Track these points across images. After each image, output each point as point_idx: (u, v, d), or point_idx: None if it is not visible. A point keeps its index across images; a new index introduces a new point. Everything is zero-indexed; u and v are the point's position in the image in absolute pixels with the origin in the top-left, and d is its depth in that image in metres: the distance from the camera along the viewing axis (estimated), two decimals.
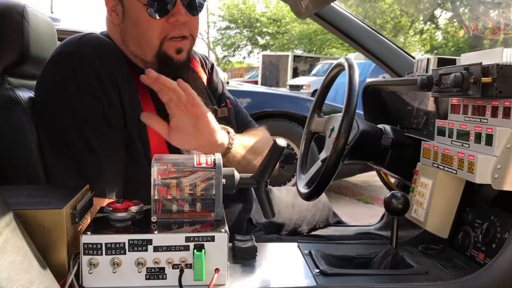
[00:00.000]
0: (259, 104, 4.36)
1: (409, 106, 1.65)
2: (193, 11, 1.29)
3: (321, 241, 1.31)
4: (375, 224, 1.86)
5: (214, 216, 1.02)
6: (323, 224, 1.77)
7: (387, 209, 1.11)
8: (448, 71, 1.09)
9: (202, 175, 1.02)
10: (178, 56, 1.28)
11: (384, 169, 1.54)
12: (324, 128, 1.53)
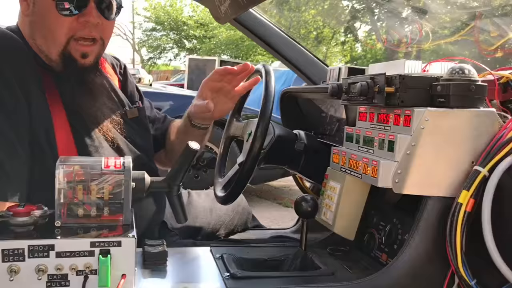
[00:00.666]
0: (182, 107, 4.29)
1: (323, 113, 1.70)
2: (107, 14, 1.25)
3: (234, 245, 1.32)
4: (291, 227, 1.90)
5: (122, 220, 0.99)
6: (241, 228, 1.78)
7: (297, 212, 1.14)
8: (355, 80, 1.14)
9: (110, 178, 0.99)
10: (83, 60, 1.24)
11: (298, 173, 1.58)
12: (243, 132, 1.54)
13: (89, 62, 1.26)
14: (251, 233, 1.78)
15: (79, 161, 1.00)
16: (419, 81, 1.04)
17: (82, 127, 1.26)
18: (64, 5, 1.17)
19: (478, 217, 0.92)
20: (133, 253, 0.92)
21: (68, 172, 0.97)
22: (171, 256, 1.09)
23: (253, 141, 1.25)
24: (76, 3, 1.18)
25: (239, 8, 1.45)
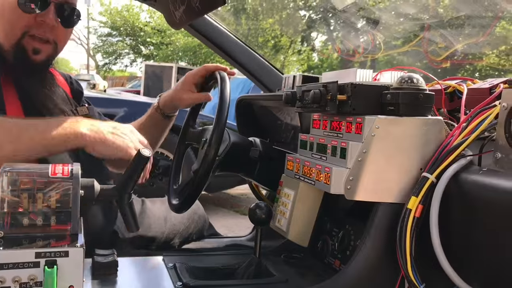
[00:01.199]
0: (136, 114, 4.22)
1: (279, 120, 1.72)
2: (64, 21, 1.30)
3: (188, 254, 1.30)
4: (247, 235, 1.90)
5: (70, 229, 0.96)
6: (197, 236, 1.76)
7: (251, 219, 1.14)
8: (309, 88, 1.15)
9: (57, 186, 0.95)
10: (34, 56, 1.27)
11: (254, 180, 1.58)
12: (198, 139, 1.53)
13: (40, 59, 1.29)
14: (207, 242, 1.76)
15: (24, 168, 0.96)
16: (370, 89, 1.06)
17: None
18: (25, 3, 1.21)
19: (427, 222, 0.95)
20: (81, 264, 0.89)
21: (12, 180, 0.93)
22: (122, 266, 1.06)
23: (207, 148, 1.24)
24: (37, 2, 1.22)
25: (194, 14, 1.44)
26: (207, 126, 1.52)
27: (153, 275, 1.08)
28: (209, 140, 1.25)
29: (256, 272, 1.12)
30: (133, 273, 1.08)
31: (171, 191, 1.52)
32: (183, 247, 1.66)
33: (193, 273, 1.09)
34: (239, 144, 1.46)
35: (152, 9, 1.81)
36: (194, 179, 1.32)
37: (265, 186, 1.59)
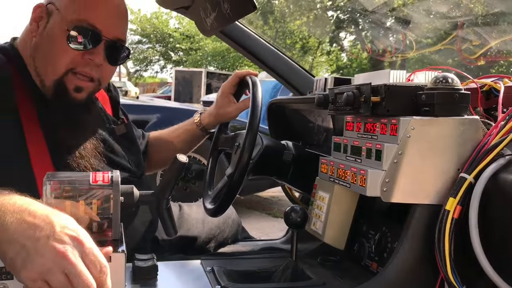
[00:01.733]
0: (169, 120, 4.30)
1: (311, 123, 1.72)
2: (112, 60, 1.25)
3: (225, 258, 1.32)
4: (281, 238, 1.90)
5: (111, 235, 0.99)
6: (231, 240, 1.78)
7: (287, 222, 1.14)
8: (341, 90, 1.15)
9: (98, 193, 0.98)
10: (75, 93, 1.22)
11: (287, 183, 1.59)
12: (230, 144, 1.55)
13: (81, 97, 1.23)
14: (242, 245, 1.78)
15: (66, 176, 0.99)
16: (404, 90, 1.05)
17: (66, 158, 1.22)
18: (76, 38, 1.17)
19: (465, 223, 0.93)
20: (123, 269, 0.91)
21: (55, 188, 0.96)
22: (161, 270, 1.09)
23: (241, 153, 1.26)
24: (87, 41, 1.18)
25: (225, 21, 1.46)
26: (239, 131, 1.53)
27: (191, 279, 1.10)
28: (242, 144, 1.26)
29: (293, 275, 1.13)
30: (172, 277, 1.10)
31: (206, 196, 1.54)
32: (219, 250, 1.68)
33: (231, 276, 1.11)
34: (272, 147, 1.48)
35: (181, 15, 1.83)
36: (228, 183, 1.33)
37: (298, 189, 1.60)
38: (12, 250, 0.77)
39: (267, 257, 1.32)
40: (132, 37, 28.45)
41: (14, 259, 0.76)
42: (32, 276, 0.75)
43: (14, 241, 0.77)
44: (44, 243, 0.76)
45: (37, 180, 1.14)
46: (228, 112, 1.57)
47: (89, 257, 0.79)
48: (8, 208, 0.80)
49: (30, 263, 0.75)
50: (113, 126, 1.43)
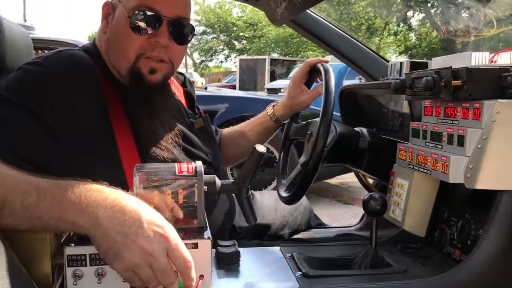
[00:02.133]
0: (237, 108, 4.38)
1: (385, 108, 1.69)
2: (177, 39, 1.25)
3: (303, 244, 1.33)
4: (355, 225, 1.90)
5: (196, 223, 1.03)
6: (304, 227, 1.79)
7: (366, 210, 1.14)
8: (420, 75, 1.12)
9: (183, 183, 1.03)
10: (150, 76, 1.24)
11: (362, 171, 1.58)
12: (302, 133, 1.56)
13: (156, 79, 1.25)
14: (315, 232, 1.79)
15: (154, 167, 1.05)
16: (488, 72, 1.01)
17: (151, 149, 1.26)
18: (137, 24, 1.20)
19: None
20: (209, 254, 0.96)
21: (143, 179, 1.02)
22: (243, 256, 1.13)
23: (315, 140, 1.26)
24: (149, 24, 1.21)
25: (296, 10, 1.46)
26: (311, 120, 1.54)
27: (273, 265, 1.13)
28: (317, 132, 1.27)
29: (373, 262, 1.13)
30: (254, 263, 1.13)
31: (280, 184, 1.57)
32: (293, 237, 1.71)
33: (311, 263, 1.12)
34: (346, 134, 1.47)
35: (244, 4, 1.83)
36: (303, 171, 1.35)
37: (374, 176, 1.58)
38: (105, 244, 0.84)
39: (345, 244, 1.32)
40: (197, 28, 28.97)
41: (107, 252, 0.84)
42: (122, 267, 0.84)
43: (106, 236, 0.84)
44: (132, 239, 0.83)
45: (125, 171, 1.21)
46: (302, 101, 1.58)
47: (174, 253, 0.85)
48: (101, 204, 0.86)
49: (121, 257, 0.83)
50: (191, 120, 1.48)
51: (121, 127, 1.24)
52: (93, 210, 0.85)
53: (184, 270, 0.86)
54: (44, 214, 0.86)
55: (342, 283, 1.00)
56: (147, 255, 0.83)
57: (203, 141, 1.46)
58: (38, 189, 0.88)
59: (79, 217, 0.85)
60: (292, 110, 1.63)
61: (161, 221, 0.88)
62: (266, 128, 1.70)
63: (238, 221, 1.59)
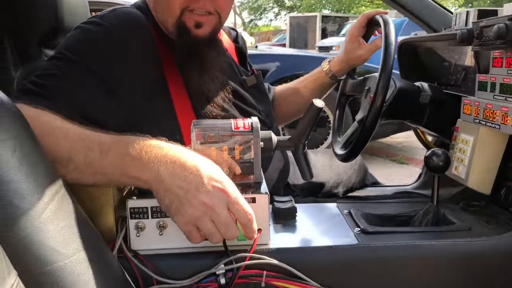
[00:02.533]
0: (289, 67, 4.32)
1: (446, 62, 1.60)
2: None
3: (360, 201, 1.32)
4: (412, 184, 1.85)
5: (253, 178, 1.04)
6: (359, 185, 1.77)
7: (428, 166, 1.10)
8: (490, 23, 1.05)
9: (240, 139, 1.02)
10: (196, 30, 1.21)
11: (422, 127, 1.52)
12: (359, 89, 1.51)
13: (203, 33, 1.23)
14: (370, 190, 1.76)
15: (211, 123, 1.05)
16: None
17: (203, 106, 1.26)
18: None
19: None
20: (267, 209, 0.96)
21: (201, 134, 1.02)
22: (299, 212, 1.12)
23: (374, 96, 1.22)
24: None
25: None
26: (369, 75, 1.49)
27: (330, 221, 1.12)
28: (376, 87, 1.22)
29: (434, 220, 1.10)
30: (310, 218, 1.13)
31: (335, 142, 1.54)
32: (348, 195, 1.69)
33: (369, 219, 1.11)
34: (406, 89, 1.41)
35: None
36: (360, 128, 1.31)
37: (435, 133, 1.52)
38: (167, 199, 0.86)
39: (404, 202, 1.29)
40: None
41: (168, 206, 0.87)
42: (184, 221, 0.86)
43: (168, 191, 0.86)
44: (193, 194, 0.85)
45: (181, 128, 1.22)
46: (359, 55, 1.52)
47: (234, 206, 0.87)
48: (161, 160, 0.88)
49: (183, 211, 0.85)
50: (244, 77, 1.46)
51: (175, 84, 1.24)
52: (154, 166, 0.87)
53: (246, 222, 0.88)
54: (107, 170, 0.89)
55: (402, 240, 0.98)
56: (208, 209, 0.85)
57: (256, 99, 1.45)
58: (100, 145, 0.90)
59: (142, 173, 0.87)
60: (348, 65, 1.58)
61: (220, 176, 0.89)
62: (321, 85, 1.66)
63: (292, 179, 1.59)
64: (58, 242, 0.75)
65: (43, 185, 0.77)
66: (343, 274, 0.96)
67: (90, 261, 0.79)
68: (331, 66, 1.61)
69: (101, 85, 1.10)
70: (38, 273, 0.73)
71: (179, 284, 0.93)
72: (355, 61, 1.55)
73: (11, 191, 0.72)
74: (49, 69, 1.09)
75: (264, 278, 0.93)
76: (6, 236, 0.71)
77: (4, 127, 0.74)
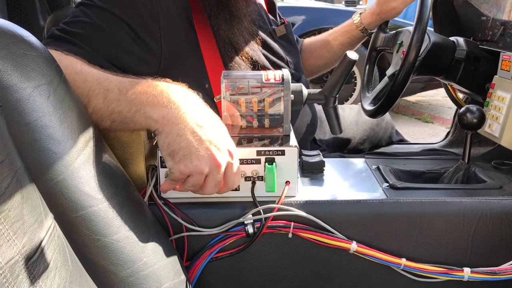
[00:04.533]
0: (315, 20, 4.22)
1: (484, 16, 1.53)
2: None
3: (389, 157, 1.30)
4: (440, 142, 1.82)
5: (282, 131, 1.03)
6: (385, 142, 1.76)
7: (461, 123, 1.07)
8: None
9: (270, 91, 1.01)
10: None
11: (454, 83, 1.48)
12: (391, 43, 1.47)
13: None
14: (397, 147, 1.75)
15: (241, 75, 1.04)
16: None
17: (232, 56, 1.25)
18: None
19: None
20: (295, 162, 0.96)
21: (230, 86, 1.01)
22: (327, 166, 1.12)
23: (408, 50, 1.18)
24: None
25: None
26: (402, 29, 1.44)
27: (358, 176, 1.12)
28: (410, 41, 1.18)
29: (465, 177, 1.08)
30: (338, 173, 1.13)
31: (364, 97, 1.52)
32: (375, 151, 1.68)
33: (398, 175, 1.10)
34: (441, 44, 1.36)
35: None
36: (392, 83, 1.28)
37: (468, 90, 1.47)
38: (177, 144, 0.85)
39: (433, 159, 1.27)
40: None
41: (175, 151, 0.85)
42: (183, 170, 0.85)
43: (181, 136, 0.85)
44: (206, 147, 0.85)
45: (210, 78, 1.21)
46: (393, 7, 1.47)
47: (231, 172, 0.89)
48: (182, 104, 0.87)
49: (188, 160, 0.84)
50: (273, 27, 1.43)
51: (204, 34, 1.22)
52: (173, 107, 0.86)
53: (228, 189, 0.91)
54: (124, 108, 0.88)
55: (431, 196, 0.98)
56: (214, 166, 0.85)
57: (285, 50, 1.42)
58: (120, 85, 0.90)
59: (157, 111, 0.86)
60: (381, 18, 1.53)
61: (230, 141, 0.90)
62: (351, 38, 1.62)
63: (318, 134, 1.58)
64: (92, 187, 0.77)
65: (77, 131, 0.77)
66: (370, 227, 0.96)
67: (123, 207, 0.81)
68: (362, 19, 1.56)
69: (129, 33, 1.09)
70: (73, 217, 0.75)
71: (208, 232, 0.94)
72: (388, 14, 1.49)
73: (46, 136, 0.73)
74: (77, 16, 1.10)
75: (292, 229, 0.94)
76: (43, 180, 0.72)
77: (39, 72, 0.74)
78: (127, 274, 0.77)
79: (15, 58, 0.72)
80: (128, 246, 0.78)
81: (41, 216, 0.69)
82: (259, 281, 1.00)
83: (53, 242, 0.69)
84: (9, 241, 0.61)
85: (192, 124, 0.85)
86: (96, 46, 1.05)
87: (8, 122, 0.70)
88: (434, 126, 4.30)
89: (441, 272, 0.94)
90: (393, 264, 0.95)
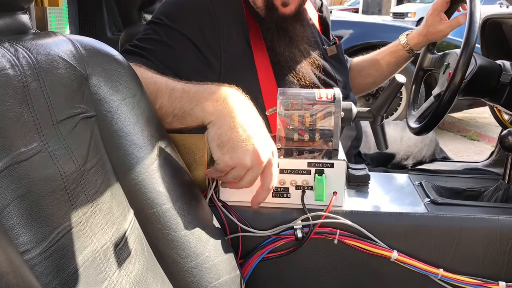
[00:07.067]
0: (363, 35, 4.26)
1: None
2: None
3: (431, 174, 1.36)
4: (484, 161, 1.85)
5: (331, 145, 1.12)
6: (429, 159, 1.80)
7: (503, 145, 1.13)
8: None
9: (322, 108, 1.10)
10: (283, 9, 1.30)
11: (500, 105, 1.52)
12: (438, 64, 1.53)
13: (290, 11, 1.31)
14: (440, 164, 1.79)
15: (295, 92, 1.13)
16: None
17: (285, 74, 1.35)
18: None
19: None
20: (343, 174, 1.05)
21: (285, 102, 1.11)
22: (372, 179, 1.20)
23: (454, 72, 1.24)
24: None
25: None
26: (449, 51, 1.49)
27: (400, 190, 1.19)
28: (456, 63, 1.24)
29: (504, 197, 1.14)
30: (382, 187, 1.20)
31: (410, 115, 1.58)
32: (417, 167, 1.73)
33: (439, 191, 1.16)
34: (487, 67, 1.41)
35: None
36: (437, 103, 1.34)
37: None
38: (227, 136, 0.95)
39: (474, 177, 1.33)
40: None
41: (224, 142, 0.95)
42: (228, 162, 0.94)
43: (233, 129, 0.95)
44: (252, 143, 0.94)
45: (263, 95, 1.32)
46: (439, 30, 1.53)
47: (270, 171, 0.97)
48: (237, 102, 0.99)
49: (234, 152, 0.94)
50: (325, 46, 1.51)
51: (260, 53, 1.33)
52: (228, 104, 0.97)
53: (266, 189, 0.98)
54: (185, 103, 1.01)
55: (470, 213, 1.04)
56: (256, 162, 0.94)
57: (335, 69, 1.50)
58: (184, 86, 1.04)
59: (212, 106, 0.98)
60: (427, 39, 1.59)
61: (274, 145, 1.00)
62: (397, 58, 1.68)
63: (363, 148, 1.65)
64: (165, 188, 0.88)
65: (155, 139, 0.90)
66: (410, 238, 1.04)
67: (190, 206, 0.92)
68: (408, 40, 1.62)
69: (194, 50, 1.23)
70: (149, 213, 0.86)
71: (261, 233, 1.04)
72: (434, 36, 1.55)
73: (130, 142, 0.85)
74: (148, 34, 1.25)
75: (338, 236, 1.03)
76: (126, 180, 0.84)
77: (126, 87, 0.87)
78: (192, 265, 0.88)
79: (107, 74, 0.85)
80: (193, 241, 0.89)
81: (125, 211, 0.81)
82: (304, 282, 1.09)
83: (134, 234, 0.81)
84: (103, 229, 0.73)
85: (242, 121, 0.96)
86: (164, 60, 1.20)
87: (100, 129, 0.83)
88: (480, 144, 4.25)
89: (477, 284, 1.00)
90: (431, 273, 1.01)
